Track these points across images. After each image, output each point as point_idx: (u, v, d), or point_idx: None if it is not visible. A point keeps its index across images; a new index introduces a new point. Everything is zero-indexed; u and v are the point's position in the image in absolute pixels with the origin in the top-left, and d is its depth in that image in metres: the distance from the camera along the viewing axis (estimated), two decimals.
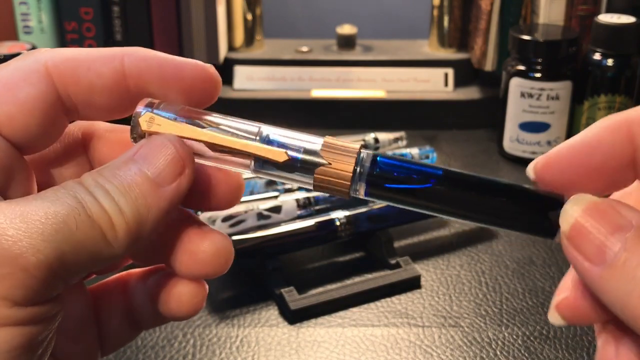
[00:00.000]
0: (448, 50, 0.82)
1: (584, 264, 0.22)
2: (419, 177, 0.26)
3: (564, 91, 0.68)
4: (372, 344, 0.46)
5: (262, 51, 0.83)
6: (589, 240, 0.22)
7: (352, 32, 0.83)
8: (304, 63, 0.80)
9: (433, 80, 0.80)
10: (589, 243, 0.22)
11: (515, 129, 0.70)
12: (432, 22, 0.82)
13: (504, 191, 0.25)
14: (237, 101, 0.79)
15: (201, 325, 0.47)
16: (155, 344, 0.46)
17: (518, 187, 0.25)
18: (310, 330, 0.47)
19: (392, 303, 0.50)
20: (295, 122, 0.78)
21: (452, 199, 0.26)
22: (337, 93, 0.79)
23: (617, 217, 0.22)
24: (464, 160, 0.72)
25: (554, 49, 0.67)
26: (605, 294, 0.22)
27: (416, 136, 0.77)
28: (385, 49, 0.83)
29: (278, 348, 0.45)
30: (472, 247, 0.56)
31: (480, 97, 0.79)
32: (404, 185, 0.26)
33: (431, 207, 0.26)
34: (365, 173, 0.26)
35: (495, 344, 0.46)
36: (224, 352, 0.45)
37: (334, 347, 0.46)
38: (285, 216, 0.54)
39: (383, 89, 0.79)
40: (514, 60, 0.69)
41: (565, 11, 0.72)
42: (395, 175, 0.26)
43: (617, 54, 0.67)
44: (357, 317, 0.48)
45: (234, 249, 0.27)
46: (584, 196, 0.23)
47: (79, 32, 0.76)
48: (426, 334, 0.47)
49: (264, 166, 0.26)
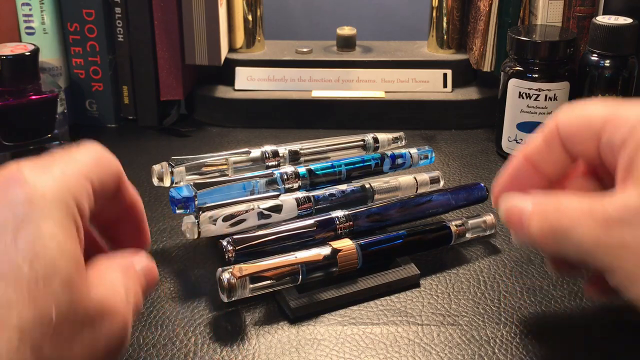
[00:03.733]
0: (447, 51, 0.82)
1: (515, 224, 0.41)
2: None
3: (561, 92, 0.68)
4: (372, 342, 0.46)
5: (262, 52, 0.84)
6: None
7: (352, 33, 0.84)
8: (304, 64, 0.81)
9: (432, 80, 0.80)
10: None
11: (514, 129, 0.70)
12: (431, 24, 0.83)
13: None
14: (237, 101, 0.79)
15: (202, 323, 0.48)
16: (156, 342, 0.46)
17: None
18: (311, 328, 0.48)
19: (391, 302, 0.50)
20: (295, 123, 0.79)
21: None
22: (337, 94, 0.80)
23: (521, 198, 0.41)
24: (462, 160, 0.72)
25: (551, 50, 0.68)
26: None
27: (415, 136, 0.77)
28: (384, 50, 0.84)
29: (278, 346, 0.46)
30: (470, 246, 0.57)
31: (478, 98, 0.79)
32: None
33: None
34: None
35: (493, 342, 0.46)
36: (224, 350, 0.46)
37: (333, 345, 0.46)
38: (286, 215, 0.54)
39: (383, 89, 0.80)
40: (512, 61, 0.70)
41: (563, 12, 0.73)
42: None
43: (615, 55, 0.67)
44: (357, 315, 0.49)
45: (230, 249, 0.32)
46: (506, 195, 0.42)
47: (81, 33, 0.76)
48: (425, 332, 0.47)
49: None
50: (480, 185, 0.60)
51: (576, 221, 0.36)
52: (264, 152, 0.59)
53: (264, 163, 0.59)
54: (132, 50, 0.77)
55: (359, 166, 0.60)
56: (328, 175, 0.59)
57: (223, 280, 0.46)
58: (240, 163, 0.58)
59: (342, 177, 0.59)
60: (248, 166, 0.58)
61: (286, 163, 0.60)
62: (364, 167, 0.60)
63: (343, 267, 0.50)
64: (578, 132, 0.40)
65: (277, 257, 0.48)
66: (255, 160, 0.58)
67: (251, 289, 0.47)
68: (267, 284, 0.47)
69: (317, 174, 0.58)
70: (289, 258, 0.48)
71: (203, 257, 0.55)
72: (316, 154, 0.61)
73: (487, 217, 0.57)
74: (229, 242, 0.49)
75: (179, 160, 0.55)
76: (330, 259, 0.49)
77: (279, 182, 0.56)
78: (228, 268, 0.47)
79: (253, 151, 0.58)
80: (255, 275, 0.47)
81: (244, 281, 0.47)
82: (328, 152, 0.62)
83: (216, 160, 0.57)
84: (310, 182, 0.58)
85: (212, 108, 0.81)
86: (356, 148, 0.63)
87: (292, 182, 0.57)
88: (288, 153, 0.60)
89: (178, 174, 0.55)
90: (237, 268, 0.47)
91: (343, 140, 0.63)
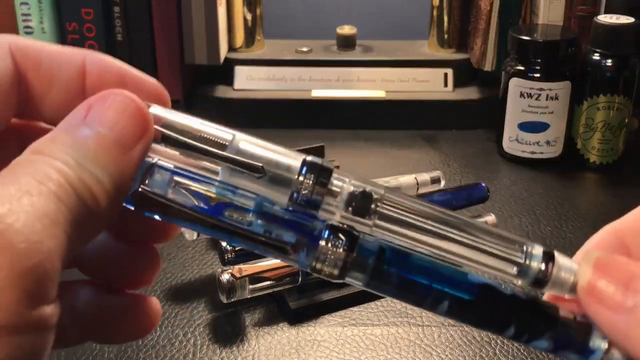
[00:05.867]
0: (448, 50, 0.82)
1: (605, 314, 0.23)
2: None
3: (563, 91, 0.68)
4: (372, 343, 0.46)
5: (262, 51, 0.83)
6: (608, 291, 0.23)
7: (352, 32, 0.83)
8: (304, 63, 0.80)
9: (433, 80, 0.80)
10: (607, 294, 0.23)
11: (515, 129, 0.70)
12: (431, 23, 0.82)
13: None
14: (237, 101, 0.79)
15: (202, 324, 0.48)
16: (155, 343, 0.46)
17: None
18: (311, 329, 0.47)
19: (391, 302, 0.50)
20: (295, 122, 0.78)
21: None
22: (337, 93, 0.79)
23: (625, 268, 0.24)
24: (463, 160, 0.72)
25: (553, 50, 0.67)
26: (630, 340, 0.23)
27: (416, 136, 0.77)
28: (385, 49, 0.83)
29: (278, 347, 0.46)
30: None
31: (479, 97, 0.79)
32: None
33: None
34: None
35: (494, 342, 0.46)
36: (224, 351, 0.45)
37: (333, 346, 0.46)
38: None
39: (383, 89, 0.80)
40: (514, 61, 0.69)
41: (564, 12, 0.73)
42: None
43: (616, 55, 0.67)
44: (357, 316, 0.49)
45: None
46: (593, 253, 0.25)
47: (80, 33, 0.76)
48: (426, 333, 0.47)
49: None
50: (481, 186, 0.59)
51: None
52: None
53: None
54: (131, 49, 0.77)
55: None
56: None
57: (222, 280, 0.46)
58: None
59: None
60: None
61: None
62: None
63: None
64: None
65: None
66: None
67: (251, 290, 0.47)
68: (266, 284, 0.47)
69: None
70: None
71: (202, 258, 0.55)
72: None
73: (488, 217, 0.57)
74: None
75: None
76: None
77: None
78: (227, 269, 0.47)
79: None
80: (254, 276, 0.47)
81: (243, 282, 0.46)
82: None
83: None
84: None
85: (211, 108, 0.80)
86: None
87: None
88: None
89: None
90: (236, 269, 0.46)
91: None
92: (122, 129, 0.22)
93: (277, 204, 0.23)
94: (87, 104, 0.22)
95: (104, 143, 0.21)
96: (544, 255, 0.23)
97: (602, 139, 0.69)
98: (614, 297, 0.23)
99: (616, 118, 0.68)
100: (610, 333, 0.24)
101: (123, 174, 0.22)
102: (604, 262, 0.24)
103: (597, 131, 0.69)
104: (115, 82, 0.24)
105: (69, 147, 0.21)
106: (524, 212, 0.62)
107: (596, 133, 0.69)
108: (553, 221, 0.61)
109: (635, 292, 0.23)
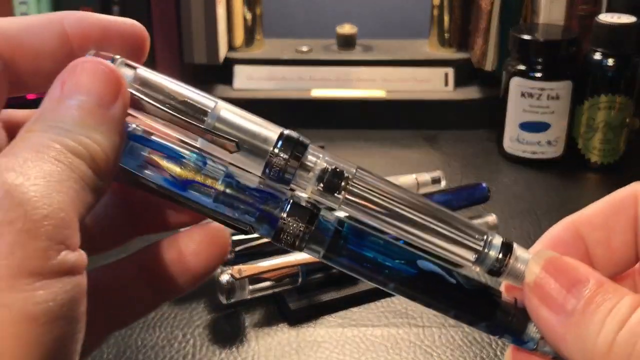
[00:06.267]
0: (448, 50, 0.82)
1: (544, 313, 0.24)
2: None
3: (564, 91, 0.68)
4: (372, 344, 0.46)
5: (262, 51, 0.83)
6: (551, 291, 0.24)
7: (352, 31, 0.83)
8: (304, 63, 0.80)
9: (433, 80, 0.80)
10: (550, 295, 0.24)
11: (516, 129, 0.70)
12: (432, 22, 0.82)
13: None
14: (237, 101, 0.78)
15: (201, 325, 0.47)
16: (155, 344, 0.46)
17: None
18: (311, 330, 0.47)
19: (392, 303, 0.50)
20: (295, 122, 0.78)
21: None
22: (337, 93, 0.79)
23: (572, 272, 0.24)
24: (464, 160, 0.72)
25: (554, 49, 0.67)
26: (564, 342, 0.24)
27: (416, 136, 0.77)
28: (385, 49, 0.83)
29: (278, 348, 0.45)
30: None
31: (480, 97, 0.79)
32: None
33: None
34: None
35: (495, 344, 0.46)
36: (223, 353, 0.45)
37: (334, 347, 0.46)
38: None
39: (383, 88, 0.79)
40: (514, 60, 0.69)
41: (565, 11, 0.72)
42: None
43: (617, 54, 0.67)
44: (357, 317, 0.48)
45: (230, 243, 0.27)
46: (544, 252, 0.26)
47: None
48: (426, 334, 0.47)
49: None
50: (482, 186, 0.59)
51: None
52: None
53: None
54: None
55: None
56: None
57: (222, 281, 0.46)
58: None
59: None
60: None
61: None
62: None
63: None
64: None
65: (277, 258, 0.48)
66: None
67: (250, 291, 0.47)
68: (266, 285, 0.47)
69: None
70: (288, 259, 0.48)
71: None
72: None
73: (489, 217, 0.57)
74: None
75: None
76: None
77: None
78: (227, 269, 0.46)
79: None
80: (254, 276, 0.46)
81: (243, 282, 0.46)
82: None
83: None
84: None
85: None
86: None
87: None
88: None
89: None
90: (236, 269, 0.46)
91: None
92: (99, 91, 0.23)
93: (249, 175, 0.24)
94: (60, 80, 0.23)
95: (86, 107, 0.22)
96: (503, 246, 0.25)
97: (603, 139, 0.69)
98: (556, 299, 0.24)
99: (617, 118, 0.68)
100: (546, 332, 0.24)
101: (111, 131, 0.23)
102: (553, 263, 0.25)
103: (598, 131, 0.69)
104: (99, 36, 0.25)
105: (56, 120, 0.22)
106: (525, 212, 0.62)
107: (597, 133, 0.69)
108: (554, 221, 0.60)
109: (576, 296, 0.24)
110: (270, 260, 0.47)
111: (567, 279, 0.24)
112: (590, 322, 0.23)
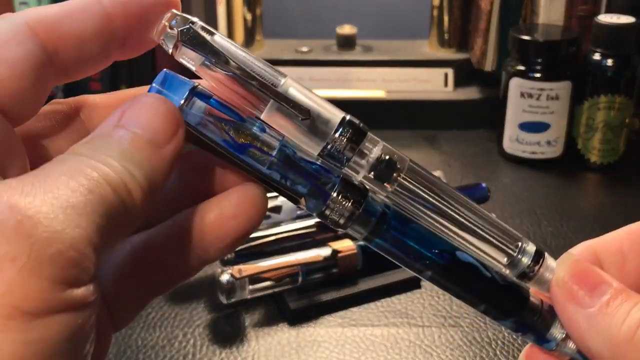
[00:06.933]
0: (448, 50, 0.82)
1: (570, 307, 0.26)
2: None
3: (563, 91, 0.68)
4: (372, 343, 0.46)
5: (262, 51, 0.83)
6: (578, 288, 0.26)
7: (352, 32, 0.83)
8: (304, 63, 0.80)
9: (433, 80, 0.80)
10: (577, 291, 0.26)
11: (515, 129, 0.70)
12: (432, 22, 0.82)
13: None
14: None
15: (201, 325, 0.47)
16: (155, 344, 0.46)
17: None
18: (310, 330, 0.47)
19: (392, 303, 0.50)
20: None
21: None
22: (337, 93, 0.79)
23: (599, 275, 0.27)
24: (463, 160, 0.72)
25: (553, 49, 0.67)
26: (585, 337, 0.26)
27: (416, 136, 0.77)
28: (385, 49, 0.83)
29: (278, 348, 0.45)
30: None
31: (480, 97, 0.79)
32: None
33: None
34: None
35: (495, 343, 0.46)
36: (224, 352, 0.45)
37: (333, 346, 0.46)
38: (285, 216, 0.54)
39: (383, 89, 0.79)
40: (514, 61, 0.69)
41: (565, 11, 0.73)
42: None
43: (617, 54, 0.67)
44: (357, 317, 0.48)
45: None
46: (572, 255, 0.28)
47: None
48: (426, 333, 0.47)
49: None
50: (482, 186, 0.59)
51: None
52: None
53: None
54: None
55: None
56: None
57: (222, 281, 0.46)
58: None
59: None
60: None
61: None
62: None
63: (343, 268, 0.49)
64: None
65: (277, 258, 0.48)
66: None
67: (250, 290, 0.47)
68: (266, 285, 0.47)
69: None
70: (288, 259, 0.48)
71: None
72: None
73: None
74: None
75: None
76: (330, 260, 0.49)
77: None
78: (227, 269, 0.46)
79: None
80: (254, 276, 0.46)
81: (243, 282, 0.46)
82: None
83: None
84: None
85: None
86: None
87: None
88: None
89: None
90: (236, 269, 0.46)
91: None
92: (155, 129, 0.22)
93: (306, 153, 0.24)
94: (121, 110, 0.23)
95: (137, 142, 0.22)
96: (535, 254, 0.26)
97: (603, 139, 0.69)
98: (582, 295, 0.26)
99: (617, 118, 0.68)
100: (570, 327, 0.26)
101: (157, 171, 0.22)
102: (580, 264, 0.27)
103: (598, 131, 0.69)
104: (138, 10, 0.24)
105: (104, 147, 0.21)
106: (525, 212, 0.62)
107: (597, 133, 0.69)
108: (554, 221, 0.61)
109: (601, 293, 0.26)
110: (270, 260, 0.47)
111: (593, 279, 0.26)
112: (615, 313, 0.25)
